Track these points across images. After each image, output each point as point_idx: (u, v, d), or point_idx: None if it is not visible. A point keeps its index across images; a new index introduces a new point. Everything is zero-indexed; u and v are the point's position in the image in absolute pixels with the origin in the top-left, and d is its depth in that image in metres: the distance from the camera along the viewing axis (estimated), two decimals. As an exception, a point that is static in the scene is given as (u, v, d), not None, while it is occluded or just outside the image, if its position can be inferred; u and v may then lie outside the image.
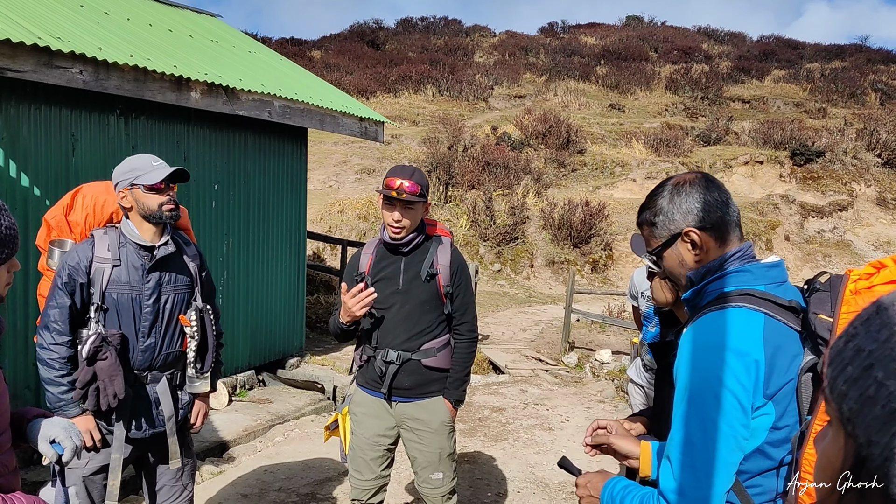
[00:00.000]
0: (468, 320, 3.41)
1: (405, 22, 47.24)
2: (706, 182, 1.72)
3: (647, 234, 1.80)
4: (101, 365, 2.83)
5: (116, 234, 2.99)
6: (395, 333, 3.28)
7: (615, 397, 8.03)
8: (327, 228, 15.54)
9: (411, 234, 3.26)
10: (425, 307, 3.29)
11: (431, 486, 3.44)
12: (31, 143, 5.05)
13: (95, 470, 2.99)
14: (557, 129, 23.26)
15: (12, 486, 1.97)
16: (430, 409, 3.36)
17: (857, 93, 30.10)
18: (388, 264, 3.32)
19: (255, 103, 6.51)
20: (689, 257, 1.72)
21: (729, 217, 1.70)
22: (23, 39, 4.46)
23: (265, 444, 6.05)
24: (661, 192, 1.76)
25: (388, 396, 3.34)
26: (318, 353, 8.21)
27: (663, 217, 1.73)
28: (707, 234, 1.69)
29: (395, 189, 3.14)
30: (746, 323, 1.57)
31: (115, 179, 2.98)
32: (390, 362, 3.28)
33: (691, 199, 1.70)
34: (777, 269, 1.69)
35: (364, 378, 3.41)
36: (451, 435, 3.45)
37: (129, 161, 3.01)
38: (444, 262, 3.32)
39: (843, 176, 22.53)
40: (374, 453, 3.41)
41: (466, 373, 3.44)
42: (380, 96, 28.31)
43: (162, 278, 3.03)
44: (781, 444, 1.57)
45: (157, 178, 2.91)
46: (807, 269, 18.74)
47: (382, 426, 3.40)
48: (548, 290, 16.25)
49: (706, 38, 44.45)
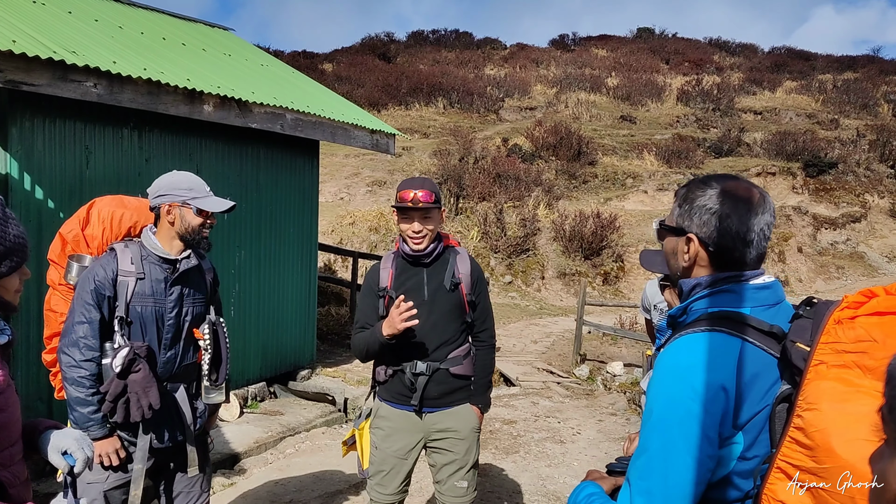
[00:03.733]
0: (488, 327, 3.46)
1: (416, 35, 47.44)
2: (753, 211, 1.61)
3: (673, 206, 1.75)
4: (134, 377, 2.84)
5: (137, 248, 3.00)
6: (423, 345, 3.28)
7: (627, 410, 7.98)
8: (338, 240, 15.56)
9: (432, 243, 3.28)
10: (450, 317, 3.31)
11: (455, 494, 3.42)
12: (45, 155, 5.09)
13: (116, 485, 2.99)
14: (568, 141, 23.24)
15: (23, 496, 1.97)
16: (460, 416, 3.38)
17: (869, 104, 29.95)
18: (411, 276, 3.33)
19: (268, 116, 6.55)
20: (682, 258, 1.69)
21: (740, 254, 1.61)
22: (38, 53, 4.51)
23: (276, 457, 6.04)
24: (708, 188, 1.65)
25: (420, 408, 3.33)
26: (329, 365, 8.21)
27: (687, 208, 1.67)
28: (705, 251, 1.64)
29: (410, 200, 3.16)
30: (720, 349, 1.51)
31: (164, 191, 2.97)
32: (420, 374, 3.28)
33: (717, 216, 1.61)
34: (768, 291, 1.62)
35: (389, 392, 3.39)
36: (478, 441, 3.47)
37: (186, 178, 3.00)
38: (465, 270, 3.35)
39: (856, 187, 22.40)
40: (401, 468, 3.40)
41: (490, 378, 3.49)
42: (391, 109, 28.41)
43: (183, 291, 3.06)
44: (749, 475, 1.52)
45: (215, 207, 2.97)
46: (820, 282, 18.62)
47: (412, 440, 3.39)
48: (559, 302, 16.19)
49: (717, 49, 44.41)
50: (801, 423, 1.38)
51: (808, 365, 1.41)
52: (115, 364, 2.82)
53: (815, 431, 1.35)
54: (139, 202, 3.22)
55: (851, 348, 1.35)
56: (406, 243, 3.27)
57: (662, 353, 1.61)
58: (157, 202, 2.98)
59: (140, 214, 3.14)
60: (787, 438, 1.41)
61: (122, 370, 2.82)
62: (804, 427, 1.38)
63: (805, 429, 1.37)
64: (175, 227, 2.98)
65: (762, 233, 1.61)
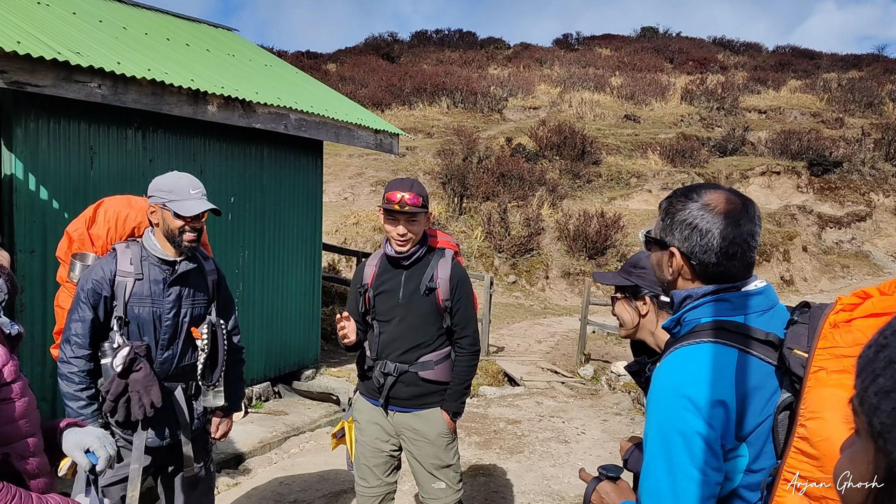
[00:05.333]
0: (469, 334, 3.40)
1: (420, 35, 47.43)
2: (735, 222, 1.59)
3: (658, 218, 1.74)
4: (135, 376, 2.86)
5: (138, 248, 3.03)
6: (395, 345, 3.33)
7: (631, 410, 7.97)
8: (342, 240, 15.57)
9: (414, 247, 3.29)
10: (425, 320, 3.32)
11: (433, 496, 3.45)
12: (50, 156, 5.10)
13: (112, 481, 3.01)
14: (572, 141, 23.20)
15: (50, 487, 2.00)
16: (428, 419, 3.39)
17: (874, 102, 29.84)
18: (390, 277, 3.36)
19: (272, 116, 6.55)
20: (666, 271, 1.68)
21: (724, 268, 1.60)
22: (42, 54, 4.52)
23: (280, 456, 6.05)
24: (689, 201, 1.64)
25: (385, 406, 3.38)
26: (333, 365, 8.21)
27: (669, 222, 1.66)
28: (688, 265, 1.63)
29: (397, 202, 3.16)
30: (717, 361, 1.50)
31: (151, 192, 3.00)
32: (388, 374, 3.32)
33: (698, 232, 1.60)
34: (761, 297, 1.60)
35: (365, 387, 3.47)
36: (449, 446, 3.44)
37: (169, 180, 3.00)
38: (444, 275, 3.33)
39: (862, 186, 22.34)
40: (376, 459, 3.45)
41: (466, 385, 3.43)
42: (395, 108, 28.40)
43: (182, 292, 3.07)
44: (756, 487, 1.50)
45: (187, 211, 2.94)
46: (825, 281, 18.57)
47: (383, 432, 3.44)
48: (563, 302, 16.18)
49: (721, 48, 44.31)
50: (805, 432, 1.36)
51: (807, 372, 1.38)
52: (116, 364, 2.84)
53: (821, 441, 1.33)
54: (145, 203, 3.23)
55: (850, 352, 1.31)
56: (390, 244, 3.30)
57: (658, 367, 1.60)
58: (149, 204, 3.02)
59: (145, 215, 3.16)
60: (791, 449, 1.39)
61: (123, 369, 2.84)
62: (808, 437, 1.36)
63: (810, 438, 1.35)
64: (160, 229, 3.00)
65: (745, 244, 1.59)
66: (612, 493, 1.77)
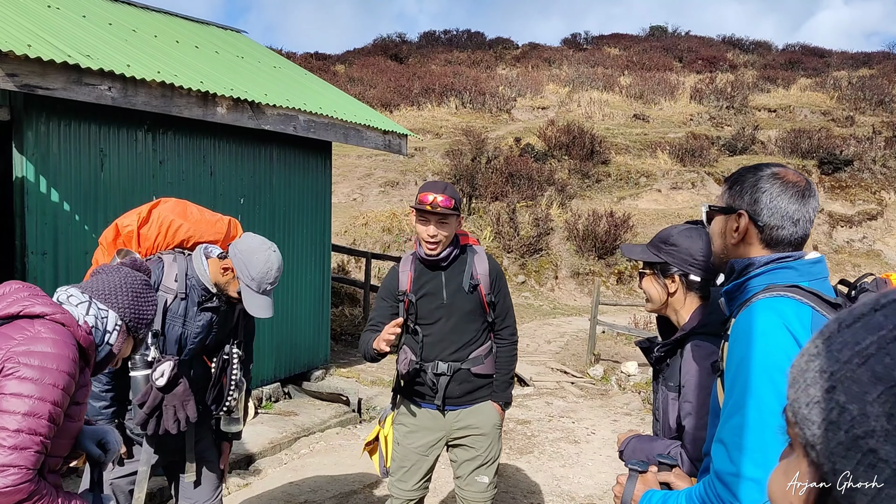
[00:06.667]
0: (509, 324, 3.49)
1: (428, 35, 47.44)
2: (801, 194, 1.70)
3: (722, 191, 1.83)
4: (175, 390, 2.85)
5: (185, 265, 2.97)
6: (444, 346, 3.34)
7: (642, 410, 7.94)
8: (352, 241, 15.59)
9: (447, 248, 3.30)
10: (470, 317, 3.36)
11: (476, 489, 3.48)
12: (60, 158, 5.13)
13: (121, 475, 3.04)
14: (581, 140, 23.14)
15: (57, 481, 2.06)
16: (483, 412, 3.44)
17: (885, 101, 29.65)
18: (429, 279, 3.36)
19: (281, 118, 6.57)
20: (730, 235, 1.75)
21: (788, 232, 1.69)
22: (53, 57, 4.54)
23: (291, 457, 6.06)
24: (759, 171, 1.75)
25: (443, 406, 3.39)
26: (343, 366, 8.23)
27: (738, 189, 1.75)
28: (755, 229, 1.71)
29: (429, 204, 3.18)
30: (797, 312, 1.57)
31: (236, 255, 2.92)
32: (441, 374, 3.34)
33: (768, 195, 1.70)
34: (820, 265, 1.70)
35: (412, 391, 3.46)
36: (500, 438, 3.53)
37: (259, 267, 2.90)
38: (483, 270, 3.37)
39: (872, 185, 22.20)
40: (422, 464, 3.46)
41: (511, 375, 3.54)
42: (403, 109, 28.42)
43: (213, 319, 3.04)
44: None
45: (251, 309, 2.92)
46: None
47: (433, 437, 3.46)
48: (573, 302, 16.15)
49: (731, 47, 44.14)
50: None
51: None
52: (157, 377, 2.80)
53: None
54: (201, 215, 3.18)
55: None
56: (421, 246, 3.30)
57: (739, 318, 1.66)
58: (231, 255, 2.94)
59: (198, 229, 3.11)
60: None
61: (167, 383, 2.81)
62: None
63: None
64: (223, 277, 2.95)
65: (808, 215, 1.70)
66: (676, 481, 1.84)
